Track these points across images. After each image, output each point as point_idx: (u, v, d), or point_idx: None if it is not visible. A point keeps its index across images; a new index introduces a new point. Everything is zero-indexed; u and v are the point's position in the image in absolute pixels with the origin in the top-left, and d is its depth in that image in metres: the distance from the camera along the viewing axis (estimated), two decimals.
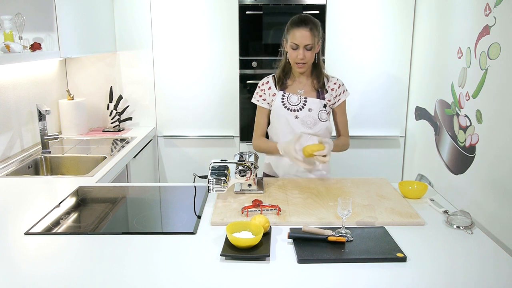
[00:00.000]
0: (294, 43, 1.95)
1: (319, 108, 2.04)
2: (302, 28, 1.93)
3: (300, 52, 1.95)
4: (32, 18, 2.41)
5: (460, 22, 2.36)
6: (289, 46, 1.97)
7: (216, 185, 1.73)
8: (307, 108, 2.03)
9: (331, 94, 2.07)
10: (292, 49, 1.97)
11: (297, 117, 2.03)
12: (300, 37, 1.93)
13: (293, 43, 1.95)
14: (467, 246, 1.42)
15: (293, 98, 2.05)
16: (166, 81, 3.31)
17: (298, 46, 1.94)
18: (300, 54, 1.95)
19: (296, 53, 1.96)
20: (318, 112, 2.03)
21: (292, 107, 2.04)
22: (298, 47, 1.95)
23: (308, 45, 1.94)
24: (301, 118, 2.03)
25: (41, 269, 1.27)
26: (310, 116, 2.03)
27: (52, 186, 2.02)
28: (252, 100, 2.17)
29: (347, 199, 1.45)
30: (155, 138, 3.39)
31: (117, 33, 3.25)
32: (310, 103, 2.04)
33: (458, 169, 2.32)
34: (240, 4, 3.14)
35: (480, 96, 2.09)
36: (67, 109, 3.01)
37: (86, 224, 1.58)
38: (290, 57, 2.01)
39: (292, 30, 1.96)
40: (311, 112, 2.03)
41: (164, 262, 1.30)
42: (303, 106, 2.03)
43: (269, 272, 1.26)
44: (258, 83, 2.17)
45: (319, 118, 2.03)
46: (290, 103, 2.04)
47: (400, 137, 3.35)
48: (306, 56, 1.96)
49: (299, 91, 2.06)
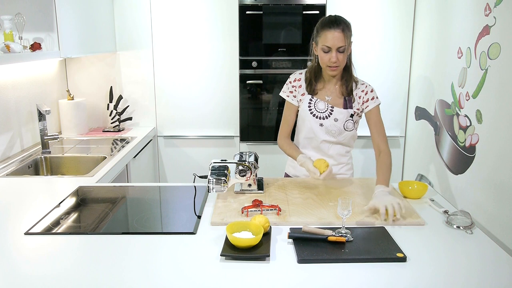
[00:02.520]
0: (326, 45, 1.83)
1: (346, 118, 1.97)
2: (334, 29, 1.81)
3: (333, 55, 1.83)
4: (32, 18, 2.41)
5: (460, 22, 2.36)
6: (320, 49, 1.86)
7: (216, 185, 1.73)
8: (333, 117, 1.97)
9: (359, 102, 1.97)
10: (324, 52, 1.85)
11: (322, 125, 1.98)
12: (332, 39, 1.81)
13: (325, 46, 1.83)
14: (467, 246, 1.42)
15: (320, 105, 1.98)
16: (166, 81, 3.31)
17: (330, 48, 1.83)
18: (333, 57, 1.83)
19: (328, 56, 1.84)
20: (344, 123, 1.97)
21: (318, 114, 1.98)
22: (330, 49, 1.83)
23: (340, 47, 1.82)
24: (325, 127, 1.98)
25: (41, 269, 1.27)
26: (335, 125, 1.97)
27: (52, 186, 2.02)
28: (280, 94, 2.08)
29: (347, 199, 1.45)
30: (155, 138, 3.39)
31: (117, 33, 3.25)
32: (336, 113, 1.96)
33: (458, 169, 2.32)
34: (240, 4, 3.14)
35: (480, 96, 2.09)
36: (67, 109, 3.01)
37: (86, 224, 1.58)
38: (321, 60, 1.89)
39: (323, 32, 1.84)
40: (336, 122, 1.97)
41: (164, 262, 1.30)
42: (329, 114, 1.97)
43: (269, 272, 1.26)
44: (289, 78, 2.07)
45: (345, 128, 1.98)
46: (317, 110, 1.98)
47: (400, 137, 3.35)
48: (339, 58, 1.84)
49: (326, 98, 1.98)
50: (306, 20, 3.14)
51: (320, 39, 1.86)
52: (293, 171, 2.17)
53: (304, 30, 3.15)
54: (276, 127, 3.31)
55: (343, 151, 2.06)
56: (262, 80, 3.24)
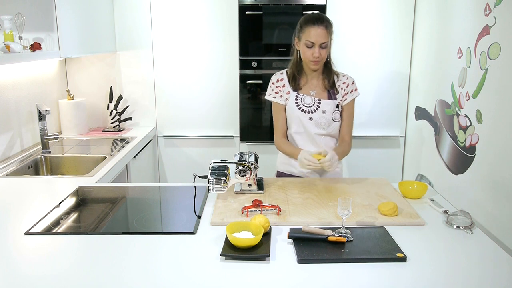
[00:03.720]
0: (309, 41, 1.93)
1: (333, 109, 2.03)
2: (318, 26, 1.92)
3: (316, 50, 1.94)
4: (32, 18, 2.41)
5: (460, 22, 2.36)
6: (304, 44, 1.95)
7: (216, 185, 1.72)
8: (321, 110, 2.03)
9: (341, 94, 2.07)
10: (307, 47, 1.95)
11: (311, 119, 2.03)
12: (316, 35, 1.92)
13: (309, 41, 1.93)
14: (467, 246, 1.42)
15: (307, 100, 2.04)
16: (166, 81, 3.31)
17: (313, 44, 1.93)
18: (315, 53, 1.94)
19: (311, 51, 1.95)
20: (332, 113, 2.03)
21: (306, 109, 2.03)
22: (313, 45, 1.93)
23: (323, 43, 1.93)
24: (315, 120, 2.03)
25: (41, 269, 1.27)
26: (324, 117, 2.03)
27: (52, 186, 2.02)
28: (266, 97, 2.13)
29: (347, 199, 1.45)
30: (155, 138, 3.39)
31: (117, 33, 3.25)
32: (324, 105, 2.03)
33: (458, 169, 2.32)
34: (240, 4, 3.14)
35: (480, 96, 2.09)
36: (67, 109, 3.01)
37: (86, 224, 1.58)
38: (304, 55, 1.99)
39: (307, 28, 1.94)
40: (325, 114, 2.03)
41: (164, 262, 1.30)
42: (317, 107, 2.03)
43: (269, 272, 1.26)
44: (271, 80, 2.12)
45: (333, 119, 2.04)
46: (304, 105, 2.03)
47: (400, 137, 3.35)
48: (321, 54, 1.95)
49: (311, 92, 2.05)
50: None
51: (304, 34, 1.95)
52: (286, 167, 2.17)
53: None
54: None
55: (333, 144, 2.11)
56: (262, 80, 3.24)
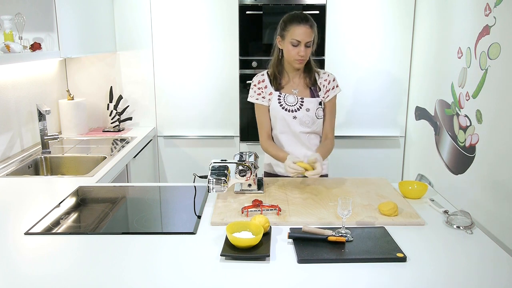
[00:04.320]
0: (296, 39, 1.93)
1: (316, 107, 2.04)
2: (304, 25, 1.92)
3: (302, 49, 1.94)
4: (32, 18, 2.41)
5: (460, 22, 2.36)
6: (289, 42, 1.95)
7: (216, 185, 1.73)
8: (305, 108, 2.03)
9: (323, 91, 2.07)
10: (293, 45, 1.95)
11: (295, 117, 2.04)
12: (302, 34, 1.92)
13: (295, 40, 1.93)
14: (467, 246, 1.42)
15: (290, 99, 2.04)
16: (166, 81, 3.31)
17: (299, 42, 1.93)
18: (301, 51, 1.94)
19: (297, 50, 1.94)
20: (316, 111, 2.04)
21: (289, 108, 2.03)
22: (299, 43, 1.93)
23: (308, 42, 1.94)
24: (299, 118, 2.03)
25: (41, 269, 1.27)
26: (308, 115, 2.03)
27: (52, 186, 2.02)
28: (249, 99, 2.12)
29: (347, 199, 1.45)
30: (155, 138, 3.39)
31: (117, 33, 3.25)
32: (307, 103, 2.04)
33: (458, 169, 2.32)
34: (240, 4, 3.14)
35: (480, 96, 2.09)
36: (67, 109, 3.01)
37: (86, 224, 1.58)
38: (288, 54, 1.98)
39: (293, 27, 1.94)
40: (308, 112, 2.03)
41: (164, 262, 1.30)
42: (300, 106, 2.03)
43: (269, 272, 1.26)
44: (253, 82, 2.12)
45: (316, 116, 2.05)
46: (288, 104, 2.04)
47: (400, 137, 3.35)
48: (306, 52, 1.96)
49: (293, 91, 2.06)
50: None
51: (289, 33, 1.95)
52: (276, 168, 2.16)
53: None
54: None
55: (317, 141, 2.12)
56: None
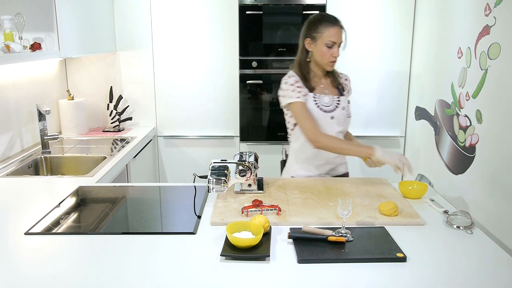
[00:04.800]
0: (331, 41, 1.92)
1: (348, 105, 2.07)
2: (337, 26, 1.93)
3: (336, 50, 1.94)
4: (32, 18, 2.41)
5: (460, 22, 2.36)
6: (323, 44, 1.93)
7: (216, 185, 1.72)
8: (341, 107, 2.03)
9: (346, 90, 2.11)
10: (328, 47, 1.93)
11: (332, 118, 2.00)
12: (336, 34, 1.92)
13: (330, 41, 1.92)
14: (467, 246, 1.42)
15: (325, 99, 2.01)
16: (166, 81, 3.31)
17: (334, 44, 1.93)
18: (335, 52, 1.94)
19: (331, 51, 1.94)
20: (347, 109, 2.06)
21: (326, 108, 2.00)
22: (334, 45, 1.93)
23: (341, 43, 1.96)
24: (336, 118, 2.01)
25: (41, 269, 1.27)
26: (343, 114, 2.03)
27: (52, 186, 2.02)
28: (289, 100, 1.97)
29: (347, 199, 1.45)
30: (155, 138, 3.39)
31: (117, 33, 3.25)
32: (342, 101, 2.04)
33: (458, 169, 2.32)
34: (240, 4, 3.14)
35: (480, 96, 2.09)
36: (67, 109, 3.01)
37: (86, 224, 1.58)
38: (322, 56, 1.95)
39: (327, 28, 1.93)
40: (344, 110, 2.04)
41: (164, 262, 1.30)
42: (337, 106, 2.02)
43: (269, 272, 1.26)
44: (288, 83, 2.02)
45: (347, 114, 2.07)
46: (324, 105, 2.00)
47: (400, 137, 3.35)
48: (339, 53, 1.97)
49: (325, 91, 2.04)
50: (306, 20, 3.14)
51: (323, 34, 1.93)
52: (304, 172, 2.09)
53: None
54: (276, 127, 3.31)
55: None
56: (262, 80, 3.24)
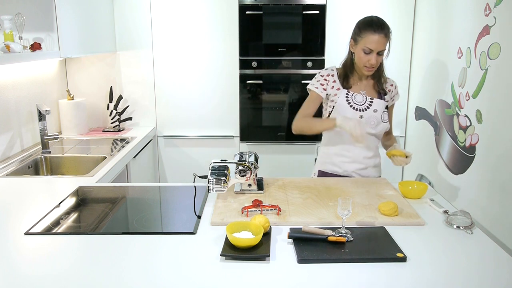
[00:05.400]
0: (368, 47, 1.88)
1: (383, 109, 2.02)
2: (379, 33, 1.87)
3: (373, 57, 1.89)
4: (32, 18, 2.41)
5: (460, 22, 2.36)
6: (361, 49, 1.91)
7: (216, 185, 1.72)
8: (373, 108, 2.00)
9: (389, 96, 2.07)
10: (365, 53, 1.90)
11: (361, 117, 1.99)
12: (376, 42, 1.87)
13: (367, 48, 1.88)
14: (467, 246, 1.42)
15: (358, 98, 2.00)
16: (166, 81, 3.31)
17: (372, 51, 1.88)
18: (372, 60, 1.89)
19: (368, 57, 1.90)
20: (382, 113, 2.01)
21: (357, 107, 1.99)
22: (371, 52, 1.89)
23: (381, 51, 1.90)
24: (365, 118, 1.99)
25: (41, 269, 1.27)
26: (374, 116, 2.00)
27: (52, 186, 2.02)
28: (309, 86, 2.06)
29: (347, 199, 1.45)
30: (155, 138, 3.39)
31: (117, 33, 3.25)
32: (376, 104, 2.00)
33: (458, 169, 2.32)
34: (240, 4, 3.14)
35: (480, 96, 2.09)
36: (67, 109, 3.01)
37: (86, 224, 1.58)
38: (359, 60, 1.94)
39: (367, 33, 1.88)
40: (375, 113, 2.00)
41: (164, 262, 1.30)
42: (369, 106, 2.00)
43: (269, 272, 1.26)
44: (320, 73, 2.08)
45: (382, 119, 2.02)
46: (356, 103, 1.99)
47: (400, 137, 3.35)
48: (378, 61, 1.91)
49: (361, 92, 2.02)
50: (306, 20, 3.14)
51: (363, 40, 1.90)
52: (330, 167, 2.12)
53: (304, 30, 3.16)
54: (276, 127, 3.32)
55: (377, 143, 2.10)
56: (262, 80, 3.24)
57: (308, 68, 3.21)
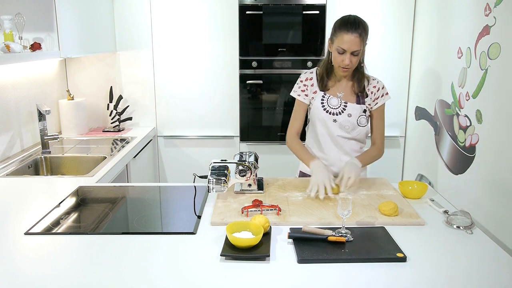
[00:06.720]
0: (341, 47, 1.85)
1: (359, 114, 1.98)
2: (352, 33, 1.82)
3: (347, 57, 1.85)
4: (32, 18, 2.41)
5: (460, 22, 2.36)
6: (335, 49, 1.87)
7: (216, 185, 1.73)
8: (347, 113, 1.97)
9: (371, 98, 2.00)
10: (338, 53, 1.87)
11: (335, 121, 1.98)
12: (348, 42, 1.82)
13: (340, 48, 1.85)
14: (467, 246, 1.42)
15: (333, 101, 1.98)
16: (166, 81, 3.31)
17: (345, 51, 1.85)
18: (346, 60, 1.85)
19: (341, 57, 1.87)
20: (358, 118, 1.98)
21: (332, 110, 1.98)
22: (345, 52, 1.85)
23: (355, 51, 1.85)
24: (339, 122, 1.98)
25: (41, 269, 1.27)
26: (348, 121, 1.98)
27: (52, 186, 2.02)
28: (291, 93, 2.07)
29: (347, 199, 1.45)
30: (155, 138, 3.39)
31: (117, 33, 3.25)
32: (350, 108, 1.97)
33: (458, 169, 2.32)
34: (240, 4, 3.14)
35: (480, 96, 2.09)
36: (67, 109, 3.01)
37: (86, 224, 1.58)
38: (334, 60, 1.91)
39: (341, 33, 1.84)
40: (350, 118, 1.97)
41: (164, 262, 1.30)
42: (343, 110, 1.97)
43: (269, 272, 1.26)
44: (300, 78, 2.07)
45: (358, 123, 1.98)
46: (330, 106, 1.98)
47: (400, 137, 3.35)
48: (352, 61, 1.87)
49: (338, 94, 1.99)
50: (306, 20, 3.14)
51: (337, 39, 1.87)
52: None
53: (304, 30, 3.15)
54: (276, 127, 3.32)
55: (358, 147, 2.06)
56: (262, 80, 3.24)
57: (308, 68, 3.20)
